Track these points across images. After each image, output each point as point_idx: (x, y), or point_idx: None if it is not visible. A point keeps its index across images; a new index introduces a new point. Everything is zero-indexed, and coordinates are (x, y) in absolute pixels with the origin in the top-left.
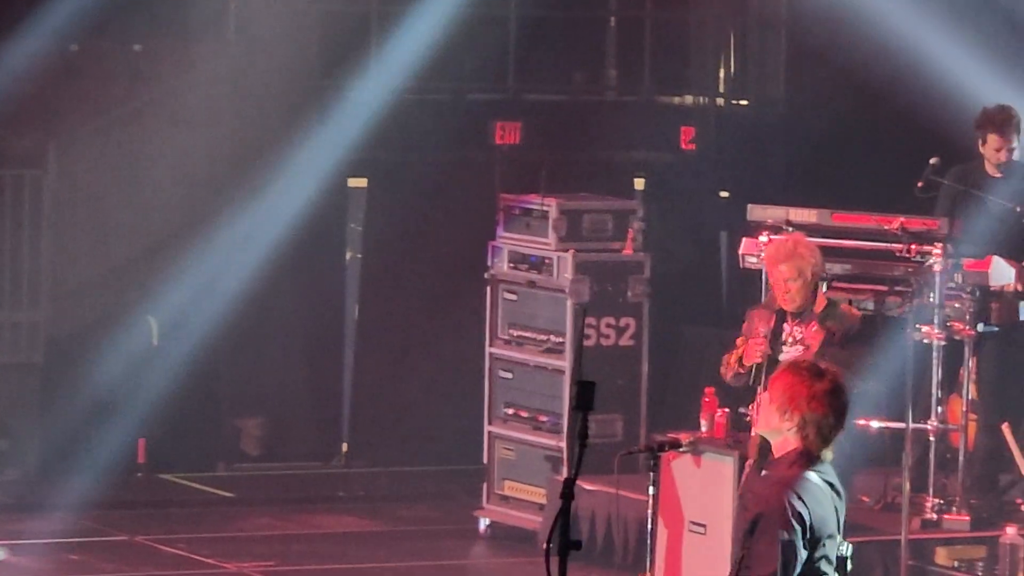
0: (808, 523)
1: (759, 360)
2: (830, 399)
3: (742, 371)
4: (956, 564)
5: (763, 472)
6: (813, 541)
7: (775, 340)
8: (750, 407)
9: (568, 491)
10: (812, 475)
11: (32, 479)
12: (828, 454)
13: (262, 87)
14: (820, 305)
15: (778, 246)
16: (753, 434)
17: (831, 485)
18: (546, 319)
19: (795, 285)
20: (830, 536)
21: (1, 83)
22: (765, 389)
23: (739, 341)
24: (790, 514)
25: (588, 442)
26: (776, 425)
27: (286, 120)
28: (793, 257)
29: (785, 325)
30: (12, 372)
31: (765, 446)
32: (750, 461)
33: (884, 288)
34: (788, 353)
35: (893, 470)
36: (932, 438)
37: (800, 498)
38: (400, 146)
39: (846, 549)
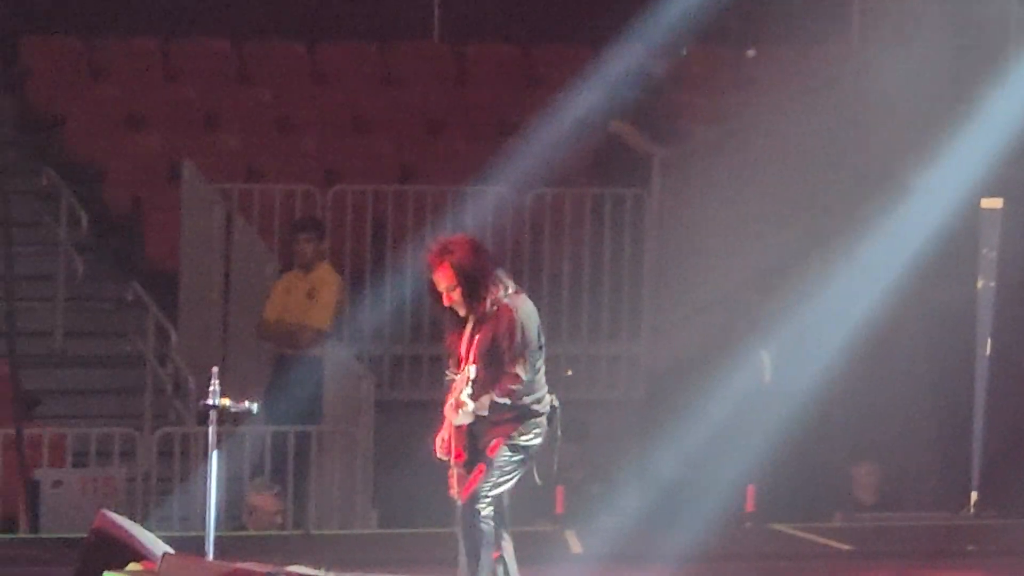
0: None
1: None
2: None
3: None
4: None
5: None
6: None
7: None
8: None
9: None
10: None
11: (632, 526)
12: None
13: (888, 98)
14: None
15: None
16: None
17: None
18: None
19: None
20: None
21: (609, 92)
22: None
23: None
24: None
25: None
26: None
27: (913, 135)
28: None
29: None
30: (610, 409)
31: None
32: None
33: None
34: None
35: None
36: None
37: None
38: None
39: None
